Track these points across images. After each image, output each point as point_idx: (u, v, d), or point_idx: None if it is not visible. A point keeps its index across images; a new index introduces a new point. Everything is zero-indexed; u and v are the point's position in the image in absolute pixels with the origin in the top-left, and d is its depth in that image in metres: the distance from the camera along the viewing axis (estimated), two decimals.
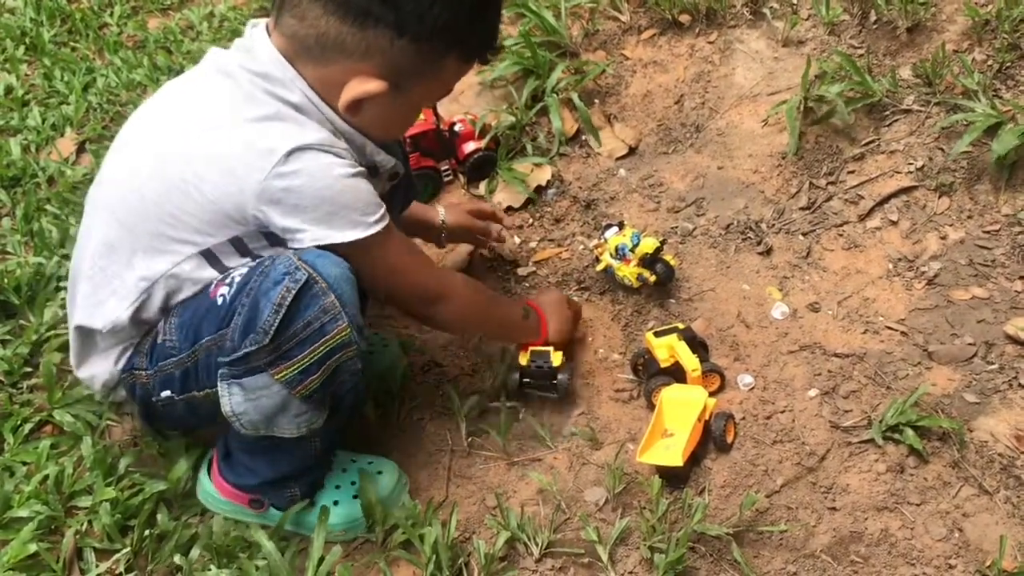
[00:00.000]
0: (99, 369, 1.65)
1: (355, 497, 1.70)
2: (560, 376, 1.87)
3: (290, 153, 1.45)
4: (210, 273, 1.55)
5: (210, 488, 1.72)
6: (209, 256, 1.54)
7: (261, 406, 1.50)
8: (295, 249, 1.50)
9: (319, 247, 1.49)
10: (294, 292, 1.42)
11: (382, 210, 1.56)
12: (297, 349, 1.45)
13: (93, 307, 1.59)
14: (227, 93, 1.51)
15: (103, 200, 1.61)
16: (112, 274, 1.57)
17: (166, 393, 1.61)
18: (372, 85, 1.49)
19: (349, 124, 1.55)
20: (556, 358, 1.88)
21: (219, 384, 1.50)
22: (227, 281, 1.51)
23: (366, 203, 1.53)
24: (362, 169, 1.55)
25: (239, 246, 1.53)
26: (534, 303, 1.96)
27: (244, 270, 1.50)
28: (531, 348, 1.90)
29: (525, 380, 1.89)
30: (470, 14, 1.50)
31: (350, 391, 1.59)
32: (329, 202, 1.49)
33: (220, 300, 1.50)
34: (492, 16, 1.57)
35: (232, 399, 1.50)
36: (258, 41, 1.52)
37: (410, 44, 1.46)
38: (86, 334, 1.63)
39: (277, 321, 1.42)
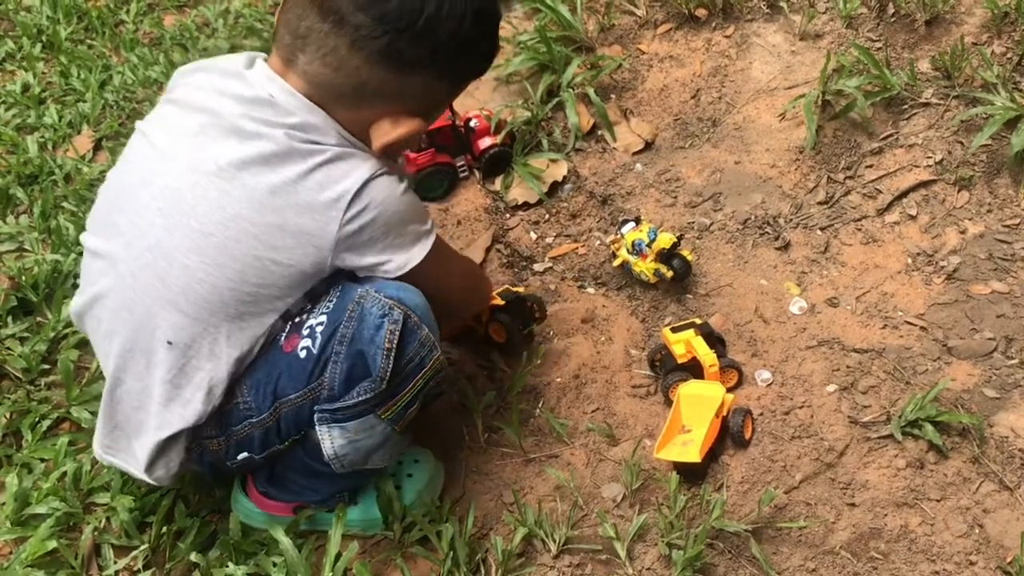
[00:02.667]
0: (173, 455, 1.55)
1: (398, 488, 1.70)
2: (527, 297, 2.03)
3: (356, 194, 1.42)
4: (278, 325, 1.51)
5: (250, 506, 1.69)
6: (285, 315, 1.50)
7: (362, 447, 1.51)
8: (360, 283, 1.48)
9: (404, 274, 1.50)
10: (398, 333, 1.42)
11: (429, 215, 1.59)
12: (400, 386, 1.46)
13: (181, 408, 1.49)
14: (264, 153, 1.41)
15: (151, 300, 1.46)
16: (194, 368, 1.48)
17: (243, 455, 1.56)
18: (409, 126, 1.50)
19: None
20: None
21: (318, 428, 1.48)
22: (305, 334, 1.47)
23: (422, 213, 1.56)
24: (407, 182, 1.56)
25: (310, 295, 1.51)
26: None
27: (322, 318, 1.46)
28: (496, 300, 1.94)
29: (507, 316, 1.96)
30: (491, 48, 1.55)
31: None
32: (399, 225, 1.49)
33: (304, 353, 1.46)
34: (497, 40, 1.59)
35: (335, 443, 1.49)
36: (278, 90, 1.44)
37: (447, 85, 1.53)
38: (172, 438, 1.52)
39: (391, 365, 1.42)
